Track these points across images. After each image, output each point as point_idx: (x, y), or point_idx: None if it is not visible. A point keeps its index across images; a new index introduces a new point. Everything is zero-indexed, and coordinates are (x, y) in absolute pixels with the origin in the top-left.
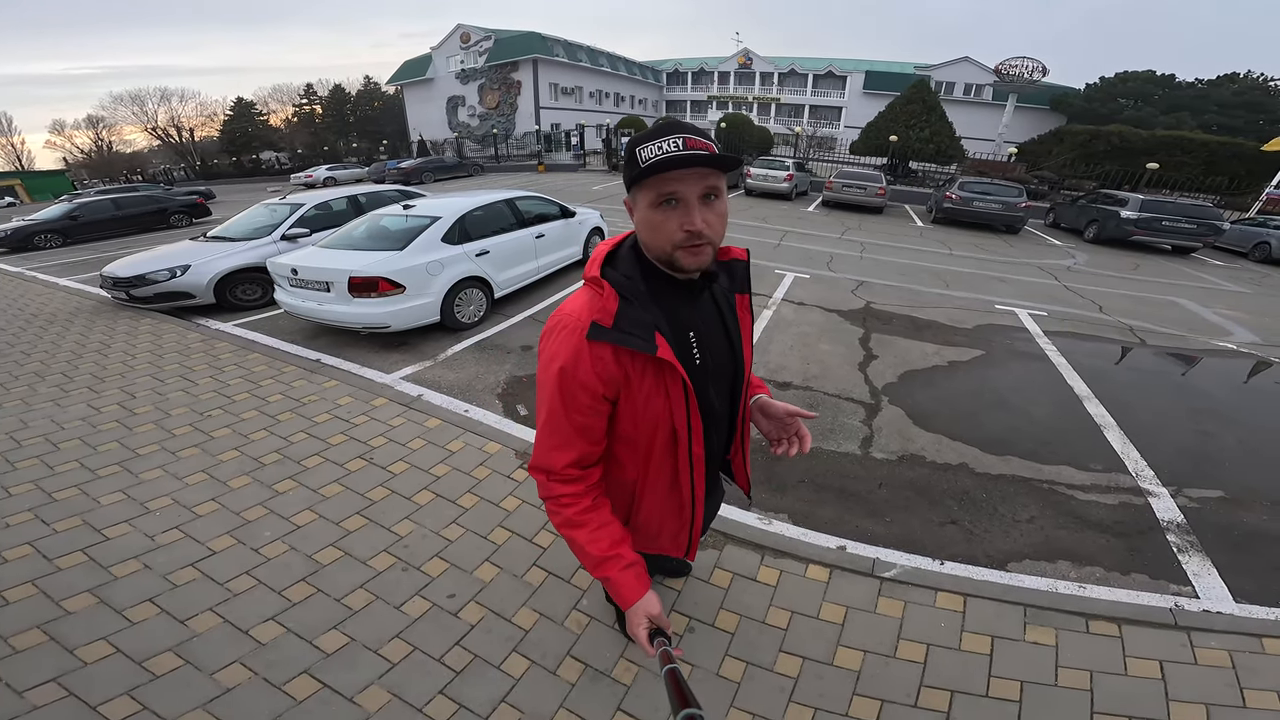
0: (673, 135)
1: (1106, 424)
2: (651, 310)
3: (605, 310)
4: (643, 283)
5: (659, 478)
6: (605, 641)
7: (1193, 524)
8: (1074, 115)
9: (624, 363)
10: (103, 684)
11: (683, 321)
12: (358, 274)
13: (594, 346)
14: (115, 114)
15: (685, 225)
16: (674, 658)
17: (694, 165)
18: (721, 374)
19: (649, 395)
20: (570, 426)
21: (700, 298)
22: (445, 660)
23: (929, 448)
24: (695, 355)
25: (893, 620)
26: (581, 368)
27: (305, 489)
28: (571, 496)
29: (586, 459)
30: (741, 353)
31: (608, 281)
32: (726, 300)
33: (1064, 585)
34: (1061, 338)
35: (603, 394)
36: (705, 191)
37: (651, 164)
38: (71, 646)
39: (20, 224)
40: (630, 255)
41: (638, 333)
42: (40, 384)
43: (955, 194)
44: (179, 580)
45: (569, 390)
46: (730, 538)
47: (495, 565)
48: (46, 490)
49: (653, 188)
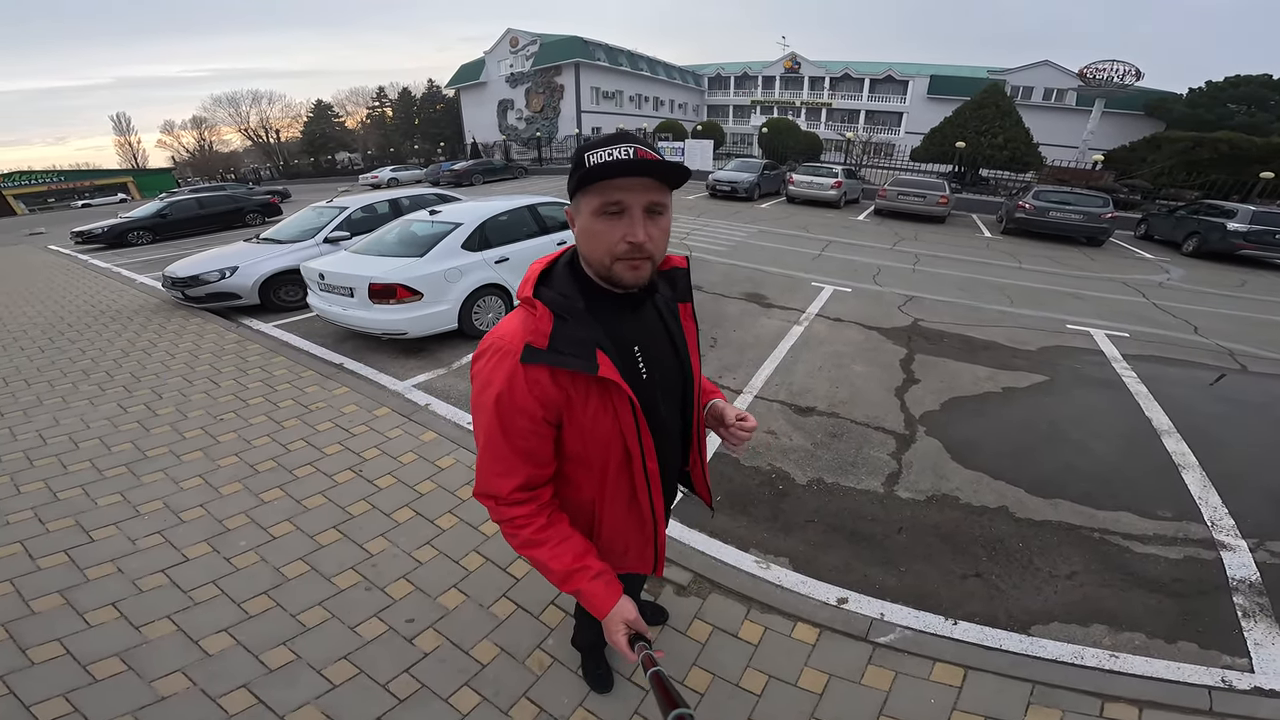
0: (624, 144)
1: (1186, 463)
2: (591, 327)
3: (539, 331)
4: (580, 299)
5: (616, 496)
6: (566, 687)
7: (1269, 584)
8: (1174, 121)
9: (563, 384)
10: (43, 685)
11: (625, 336)
12: (377, 280)
13: (529, 369)
14: (215, 115)
15: (628, 236)
16: (657, 660)
17: (642, 174)
18: (670, 386)
19: (595, 415)
20: (512, 452)
21: (642, 310)
22: (390, 687)
23: (965, 487)
24: (641, 370)
25: (877, 693)
26: (517, 392)
27: (290, 499)
28: (525, 518)
29: (534, 481)
30: (689, 363)
31: (540, 301)
32: (669, 310)
33: (1091, 654)
34: (1143, 362)
35: (543, 418)
36: (650, 204)
37: (598, 168)
38: (25, 646)
39: (116, 221)
40: (566, 272)
41: (576, 352)
42: (84, 382)
43: (1029, 203)
44: (146, 586)
45: (506, 416)
46: (718, 586)
47: (462, 592)
48: (53, 489)
49: (597, 194)
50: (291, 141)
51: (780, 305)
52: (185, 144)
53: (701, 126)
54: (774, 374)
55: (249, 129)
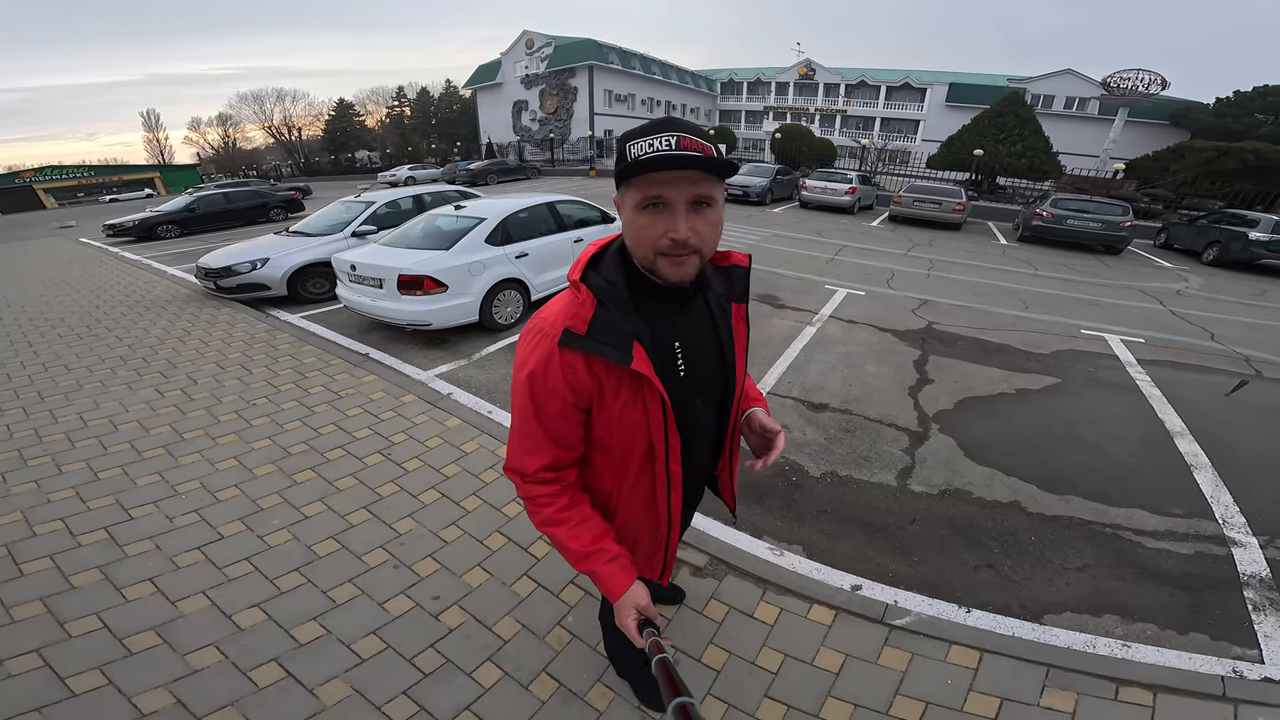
0: (667, 133)
1: (1199, 464)
2: (632, 318)
3: (580, 316)
4: (626, 289)
5: (635, 491)
6: (584, 663)
7: (1279, 580)
8: (1200, 131)
9: (597, 372)
10: (79, 658)
11: (668, 331)
12: (406, 271)
13: (565, 354)
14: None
15: (670, 233)
16: (664, 648)
17: (685, 168)
18: (709, 388)
19: (625, 406)
20: (542, 432)
21: (691, 306)
22: (416, 661)
23: (978, 483)
24: (680, 368)
25: (894, 673)
26: (551, 375)
27: (322, 480)
28: (548, 496)
29: (561, 462)
30: (733, 365)
31: (586, 285)
32: (721, 309)
33: (1104, 643)
34: (1158, 367)
35: (573, 402)
36: (696, 198)
37: (638, 163)
38: (63, 620)
39: (146, 215)
40: (615, 259)
41: (613, 341)
42: (122, 368)
43: (1047, 210)
44: (182, 562)
45: (539, 396)
46: (733, 568)
47: (486, 571)
48: (94, 469)
49: (639, 189)
50: (312, 140)
51: (793, 307)
52: (210, 141)
53: (713, 131)
54: (786, 372)
55: (272, 126)
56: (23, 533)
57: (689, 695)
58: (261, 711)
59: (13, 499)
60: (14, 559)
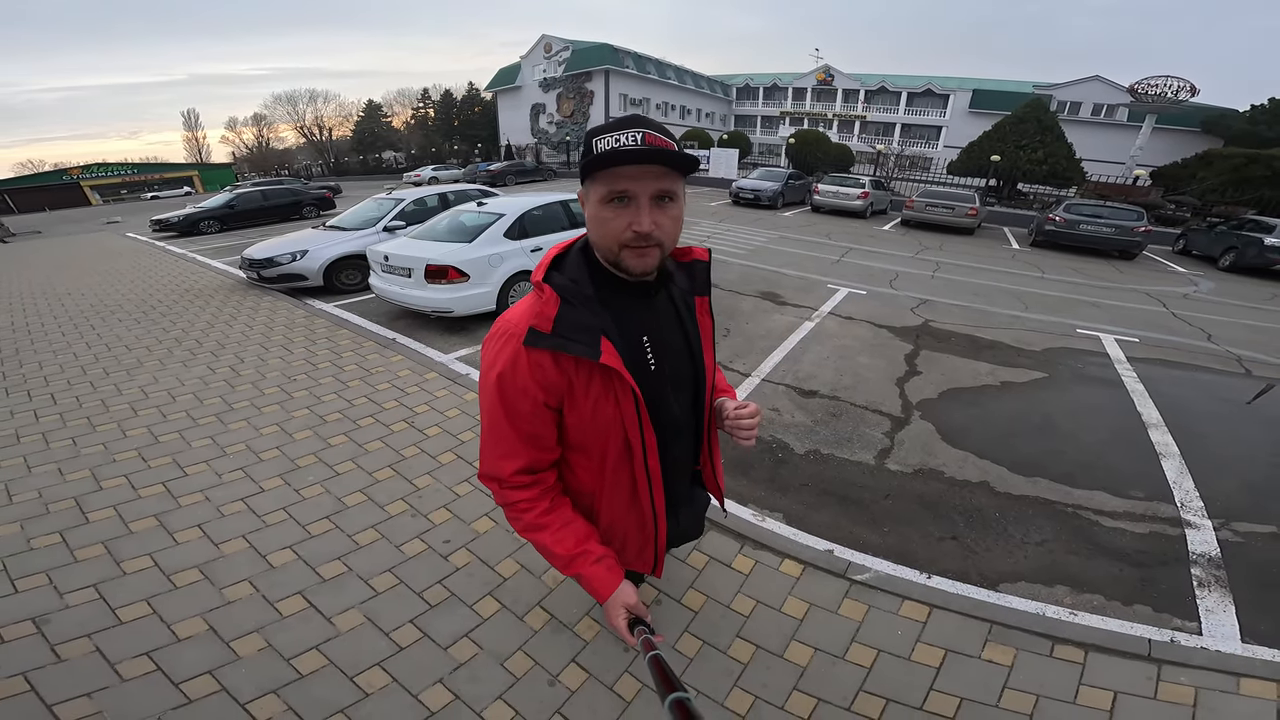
0: (632, 130)
1: (1167, 453)
2: (598, 314)
3: (544, 315)
4: (590, 285)
5: (617, 490)
6: (574, 600)
7: (1227, 559)
8: (1231, 138)
9: (566, 369)
10: (130, 591)
11: (635, 326)
12: (434, 262)
13: (532, 353)
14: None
15: (634, 225)
16: (656, 645)
17: (647, 162)
18: (681, 380)
19: (597, 402)
20: (515, 434)
21: (655, 300)
22: (424, 595)
23: (951, 464)
24: (650, 361)
25: (851, 623)
26: (519, 374)
27: (353, 443)
28: (528, 501)
29: (537, 465)
30: (702, 358)
31: (549, 285)
32: (685, 303)
33: (1051, 610)
34: (1146, 364)
35: (544, 401)
36: (659, 193)
37: (602, 156)
38: (119, 559)
39: (190, 211)
40: (579, 258)
41: (579, 338)
42: (177, 348)
43: (1060, 215)
44: (228, 511)
45: (509, 397)
46: (716, 524)
47: (492, 520)
48: (155, 434)
49: (604, 182)
50: (342, 140)
51: (794, 303)
52: (245, 140)
53: (727, 136)
54: (782, 362)
55: (304, 126)
56: (90, 487)
57: (684, 690)
58: (282, 636)
59: (82, 459)
60: (81, 509)
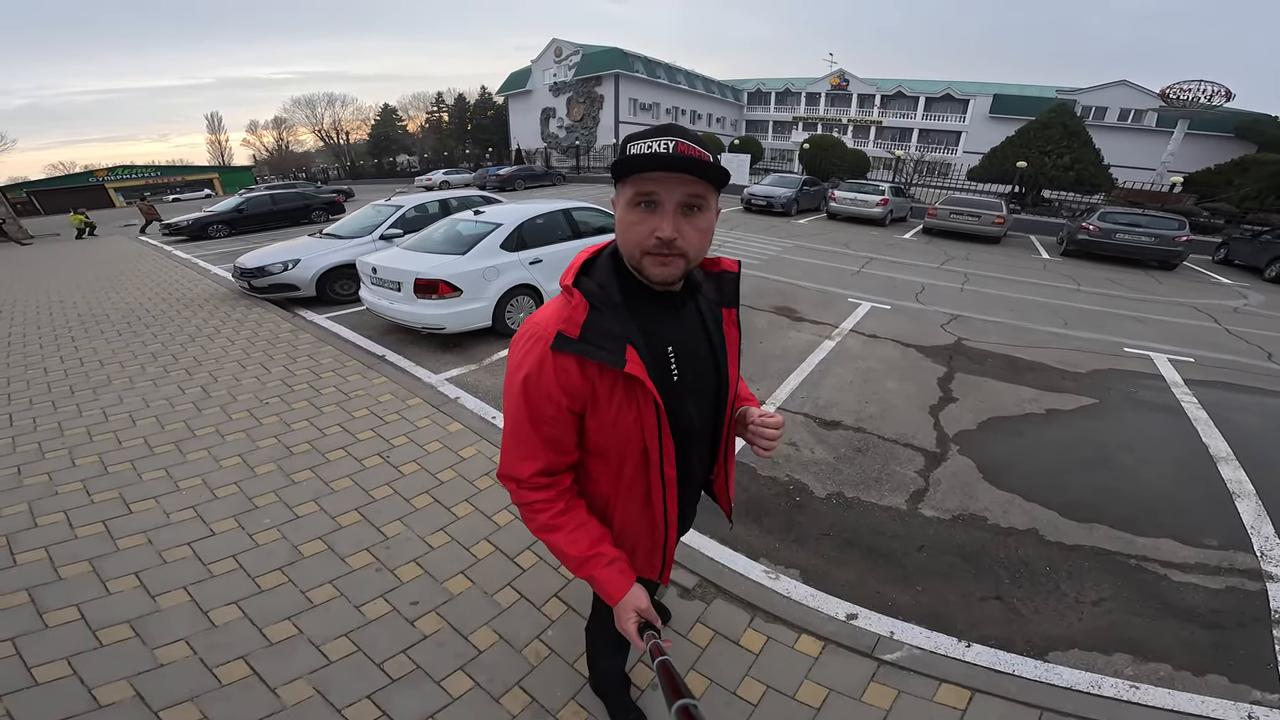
0: (667, 138)
1: (1242, 492)
2: (625, 322)
3: (572, 320)
4: (618, 293)
5: (631, 494)
6: (560, 679)
7: None
8: (1267, 144)
9: (590, 375)
10: (50, 647)
11: (661, 336)
12: (423, 275)
13: (558, 357)
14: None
15: (657, 231)
16: (665, 650)
17: (677, 169)
18: (703, 392)
19: (619, 410)
20: (536, 436)
21: (683, 311)
22: (385, 666)
23: (994, 508)
24: (673, 372)
25: (877, 712)
26: (545, 379)
27: (318, 480)
28: (544, 502)
29: (555, 467)
30: (726, 370)
31: (578, 290)
32: (713, 314)
33: (1110, 684)
34: (1207, 388)
35: (567, 406)
36: (687, 200)
37: (633, 159)
38: (43, 610)
39: (199, 215)
40: (608, 263)
41: (606, 345)
42: (151, 364)
43: (1094, 224)
44: (170, 557)
45: (534, 401)
46: (723, 591)
47: (469, 579)
48: (105, 463)
49: (633, 185)
50: (358, 143)
51: (811, 319)
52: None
53: (739, 141)
54: (799, 387)
55: (322, 130)
56: (25, 524)
57: (691, 697)
58: (220, 707)
59: (23, 490)
60: (10, 549)
